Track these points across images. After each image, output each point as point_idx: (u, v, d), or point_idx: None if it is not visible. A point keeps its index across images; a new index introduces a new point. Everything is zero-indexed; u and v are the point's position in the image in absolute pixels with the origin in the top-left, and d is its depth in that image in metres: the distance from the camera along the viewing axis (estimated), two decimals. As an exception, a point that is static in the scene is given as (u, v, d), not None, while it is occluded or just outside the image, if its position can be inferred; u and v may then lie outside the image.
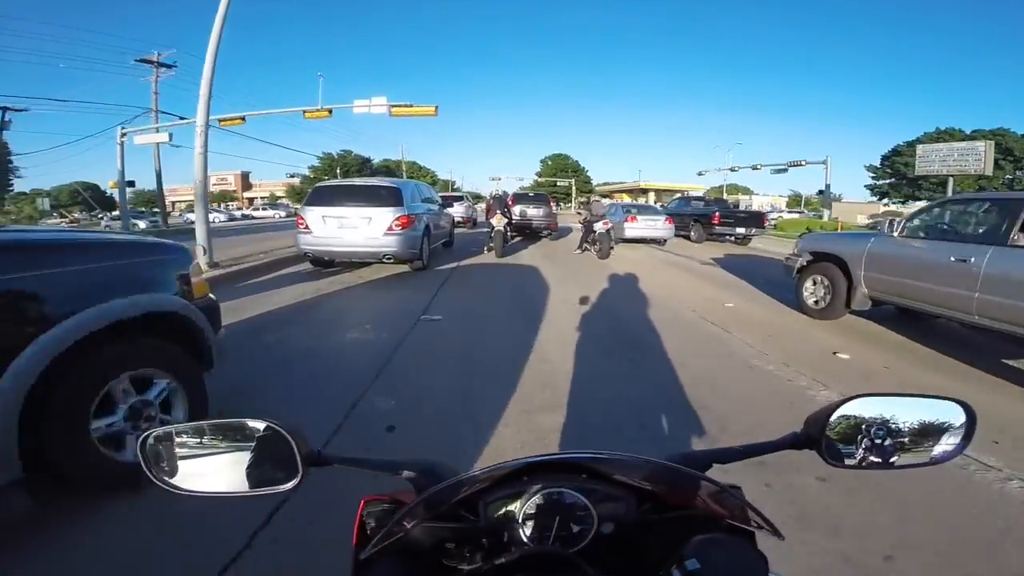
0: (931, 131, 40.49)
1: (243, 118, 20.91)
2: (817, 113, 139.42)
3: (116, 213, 38.66)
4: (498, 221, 10.63)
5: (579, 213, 15.74)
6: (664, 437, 2.74)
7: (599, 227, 11.01)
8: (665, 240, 14.46)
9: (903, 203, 43.41)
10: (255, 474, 0.65)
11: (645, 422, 2.87)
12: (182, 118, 22.65)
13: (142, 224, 29.79)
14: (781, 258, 12.96)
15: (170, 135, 21.86)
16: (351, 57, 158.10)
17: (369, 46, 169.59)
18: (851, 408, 0.66)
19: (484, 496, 0.60)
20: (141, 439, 0.65)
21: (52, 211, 35.13)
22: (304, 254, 7.93)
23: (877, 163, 45.33)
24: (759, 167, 39.13)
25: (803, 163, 36.27)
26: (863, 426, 0.66)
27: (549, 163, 69.49)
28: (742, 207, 27.05)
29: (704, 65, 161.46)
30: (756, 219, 16.26)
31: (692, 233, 16.13)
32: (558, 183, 61.70)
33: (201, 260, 7.80)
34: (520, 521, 0.59)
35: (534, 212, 14.35)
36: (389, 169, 52.70)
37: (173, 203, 60.87)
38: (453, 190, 39.17)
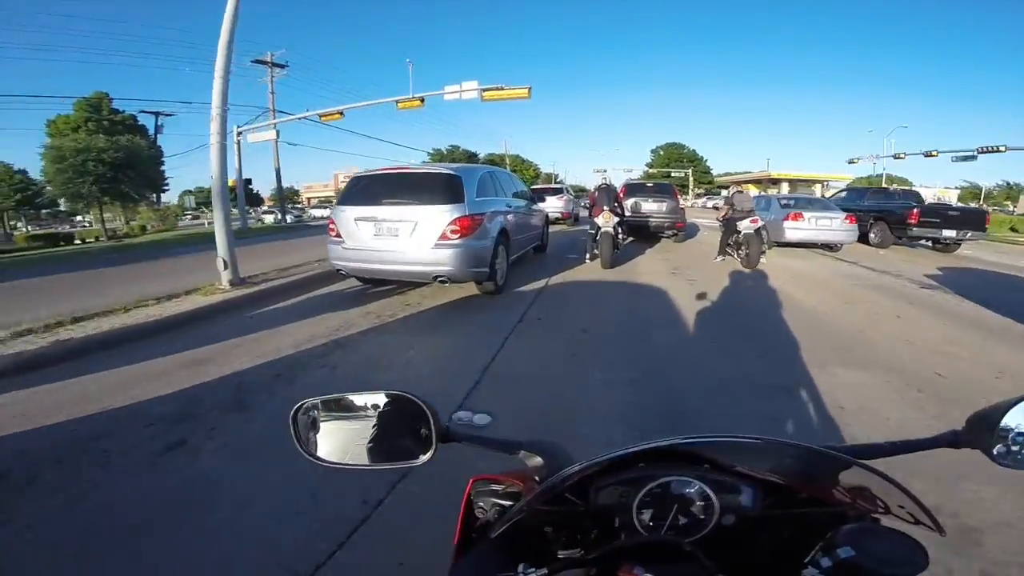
0: None
1: (341, 112, 20.55)
2: (996, 94, 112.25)
3: (263, 208, 42.77)
4: (605, 220, 7.73)
5: (716, 208, 12.35)
6: None
7: (745, 225, 8.08)
8: (841, 245, 10.58)
9: None
10: (390, 447, 0.65)
11: None
12: (289, 115, 22.98)
13: (270, 218, 32.73)
14: (1019, 273, 8.85)
15: (277, 132, 22.33)
16: (441, 44, 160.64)
17: (460, 31, 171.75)
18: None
19: (596, 481, 0.57)
20: (293, 411, 0.67)
21: (196, 208, 39.14)
22: (337, 271, 5.84)
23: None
24: (934, 154, 31.42)
25: (1002, 148, 28.06)
26: None
27: (661, 153, 64.19)
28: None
29: (849, 39, 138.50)
30: (975, 219, 11.56)
31: (872, 235, 11.88)
32: (672, 174, 56.16)
33: (223, 276, 6.21)
34: (635, 508, 0.56)
35: (654, 207, 11.04)
36: (494, 163, 51.62)
37: (308, 199, 66.36)
38: (556, 183, 36.39)
